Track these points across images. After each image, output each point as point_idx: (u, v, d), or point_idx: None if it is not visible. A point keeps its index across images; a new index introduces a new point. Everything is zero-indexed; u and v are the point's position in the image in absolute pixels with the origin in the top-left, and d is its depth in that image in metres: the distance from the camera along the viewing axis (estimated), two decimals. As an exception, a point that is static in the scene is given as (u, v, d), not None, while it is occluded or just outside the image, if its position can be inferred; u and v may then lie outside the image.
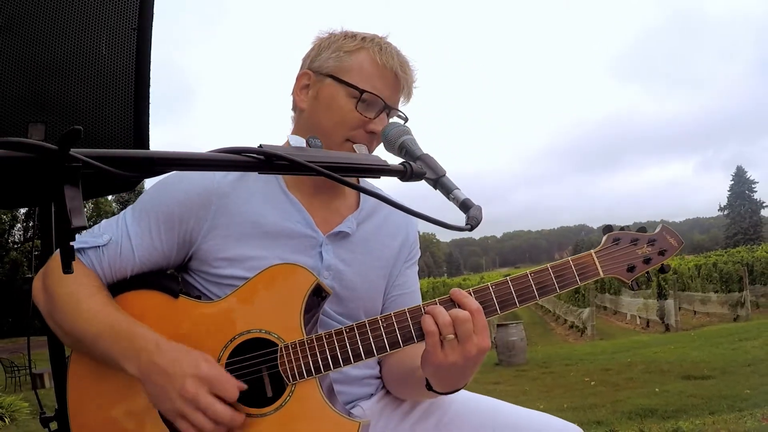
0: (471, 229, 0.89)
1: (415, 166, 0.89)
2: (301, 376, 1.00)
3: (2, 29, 1.16)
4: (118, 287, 1.07)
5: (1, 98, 1.18)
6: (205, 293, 1.11)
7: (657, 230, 1.08)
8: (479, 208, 0.90)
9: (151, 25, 1.31)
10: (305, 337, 1.01)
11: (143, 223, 1.08)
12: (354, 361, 1.00)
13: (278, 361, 1.00)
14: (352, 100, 1.11)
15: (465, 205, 0.91)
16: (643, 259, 1.05)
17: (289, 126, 1.23)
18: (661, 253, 1.06)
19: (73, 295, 1.01)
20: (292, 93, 1.19)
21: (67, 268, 0.61)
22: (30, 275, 1.34)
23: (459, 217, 0.91)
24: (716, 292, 19.82)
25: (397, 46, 1.16)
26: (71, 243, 0.57)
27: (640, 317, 19.18)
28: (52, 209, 1.32)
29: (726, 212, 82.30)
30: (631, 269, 1.05)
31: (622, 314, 21.48)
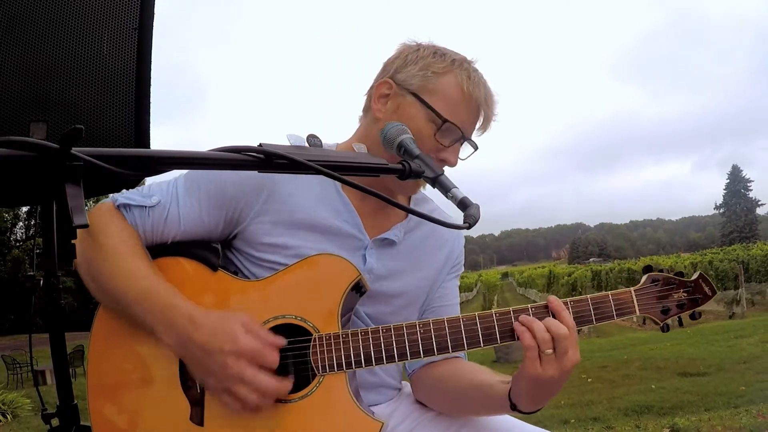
0: (469, 227, 0.89)
1: (414, 165, 0.89)
2: (332, 369, 1.00)
3: (4, 29, 1.17)
4: (157, 250, 1.06)
5: (3, 97, 1.18)
6: (243, 272, 1.10)
7: (694, 277, 1.09)
8: (477, 207, 0.91)
9: (152, 25, 1.32)
10: (341, 330, 1.01)
11: (193, 194, 1.06)
12: (386, 362, 1.00)
13: (310, 351, 1.00)
14: (432, 125, 1.08)
15: (463, 204, 0.91)
16: (677, 303, 1.07)
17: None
18: (695, 300, 1.07)
19: (117, 249, 0.99)
20: (369, 97, 1.16)
21: (68, 266, 0.61)
22: (32, 273, 1.35)
23: (457, 216, 0.91)
24: (712, 289, 19.86)
25: (484, 75, 1.13)
26: (73, 240, 0.57)
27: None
28: (54, 208, 1.32)
29: (722, 210, 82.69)
30: (665, 312, 1.06)
31: (619, 312, 21.50)
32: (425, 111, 1.09)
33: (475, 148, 1.16)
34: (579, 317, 1.02)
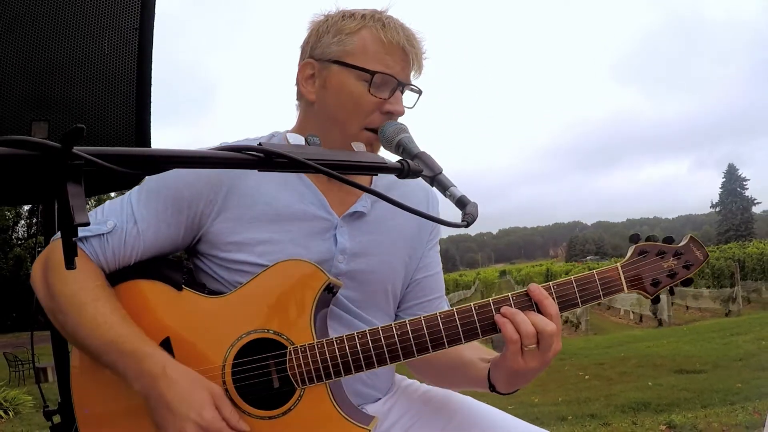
0: (467, 226, 0.90)
1: (413, 164, 0.89)
2: (311, 381, 0.97)
3: (6, 30, 1.17)
4: (119, 275, 1.03)
5: (6, 97, 1.19)
6: (213, 277, 1.07)
7: (684, 242, 1.03)
8: (475, 205, 0.91)
9: (153, 25, 1.33)
10: (315, 340, 0.98)
11: (150, 205, 1.03)
12: (366, 369, 0.98)
13: (287, 365, 0.98)
14: (363, 83, 1.05)
15: (461, 202, 0.92)
16: (668, 273, 1.00)
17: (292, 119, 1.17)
18: (687, 266, 1.00)
19: (76, 297, 0.96)
20: (297, 84, 1.13)
21: (69, 264, 0.61)
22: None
23: (455, 214, 0.92)
24: (708, 287, 20.03)
25: (399, 18, 1.08)
26: (74, 237, 0.58)
27: (633, 312, 19.36)
28: (55, 206, 1.32)
29: (718, 209, 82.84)
30: (655, 284, 1.00)
31: (616, 309, 21.67)
32: (352, 72, 1.05)
33: (419, 92, 1.12)
34: (564, 301, 0.98)
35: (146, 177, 1.09)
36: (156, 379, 0.92)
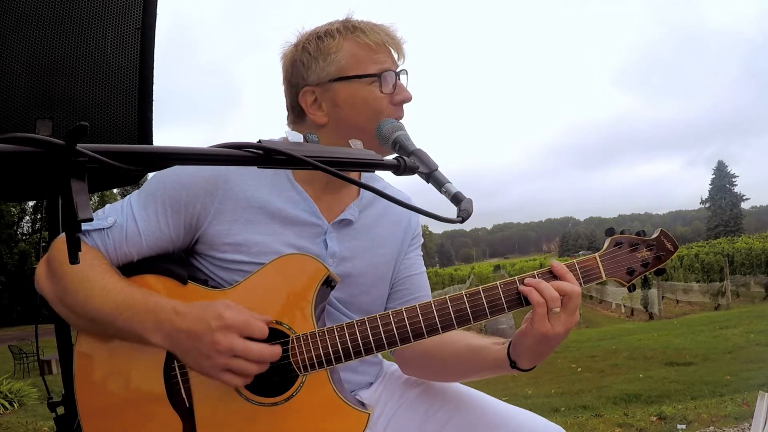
0: (462, 221, 0.92)
1: (409, 161, 0.91)
2: (312, 368, 1.01)
3: (11, 29, 1.18)
4: (124, 271, 1.06)
5: (10, 95, 1.20)
6: (211, 277, 1.11)
7: (655, 235, 1.10)
8: (470, 201, 0.93)
9: (155, 25, 1.34)
10: (316, 329, 1.02)
11: (150, 207, 1.07)
12: (365, 354, 1.02)
13: (290, 353, 1.01)
14: (373, 86, 1.11)
15: (456, 198, 0.94)
16: (641, 262, 1.08)
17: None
18: (658, 257, 1.09)
19: (84, 273, 0.99)
20: (298, 109, 1.15)
21: (73, 259, 0.62)
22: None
23: (451, 210, 0.94)
24: (698, 281, 20.33)
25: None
26: (78, 232, 0.58)
27: (624, 306, 19.59)
28: (59, 202, 1.33)
29: (707, 205, 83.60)
30: (630, 273, 1.08)
31: (608, 303, 21.90)
32: (359, 82, 1.11)
33: (406, 73, 1.18)
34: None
35: (146, 180, 1.12)
36: (171, 321, 0.96)
